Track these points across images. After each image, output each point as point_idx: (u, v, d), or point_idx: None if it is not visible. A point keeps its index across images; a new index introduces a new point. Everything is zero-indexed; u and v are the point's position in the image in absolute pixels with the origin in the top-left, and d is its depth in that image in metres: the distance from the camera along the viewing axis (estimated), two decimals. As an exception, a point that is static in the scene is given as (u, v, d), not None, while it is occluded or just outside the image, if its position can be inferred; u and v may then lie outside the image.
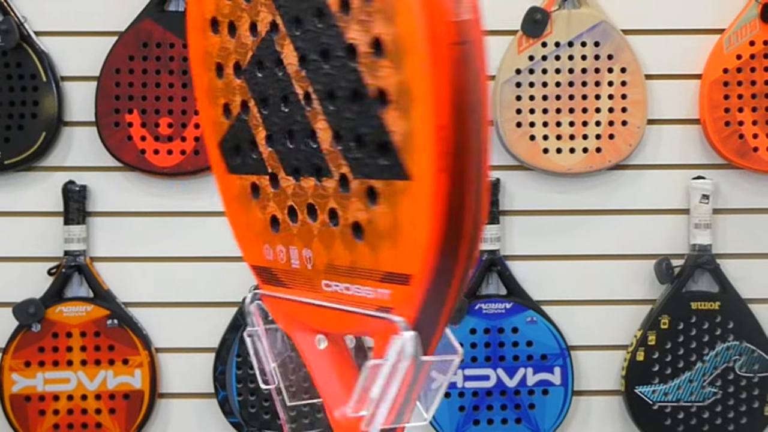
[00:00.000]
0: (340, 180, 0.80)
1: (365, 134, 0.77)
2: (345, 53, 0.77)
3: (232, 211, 0.91)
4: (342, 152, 0.79)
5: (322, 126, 0.80)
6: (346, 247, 0.82)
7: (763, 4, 2.21)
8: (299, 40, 0.80)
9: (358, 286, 0.82)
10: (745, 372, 2.23)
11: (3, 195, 2.28)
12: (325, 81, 0.79)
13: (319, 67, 0.79)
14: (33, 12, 2.26)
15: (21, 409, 2.22)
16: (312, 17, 0.79)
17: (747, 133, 2.22)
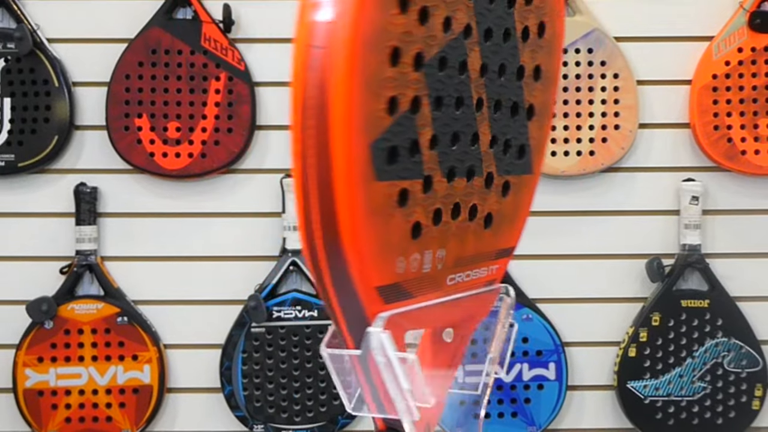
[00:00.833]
0: (487, 178, 0.85)
1: (514, 139, 0.88)
2: (515, 72, 0.86)
3: (369, 226, 0.74)
4: (494, 154, 0.86)
5: (485, 130, 0.84)
6: (475, 238, 0.86)
7: (751, 13, 2.21)
8: (487, 50, 0.82)
9: (476, 270, 0.88)
10: (734, 367, 2.23)
11: (17, 196, 2.28)
12: (498, 92, 0.85)
13: (495, 79, 0.84)
14: (46, 20, 2.27)
15: (34, 403, 2.22)
16: (501, 34, 0.84)
17: (735, 136, 2.22)
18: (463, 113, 0.80)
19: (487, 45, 0.81)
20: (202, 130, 2.22)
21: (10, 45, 2.22)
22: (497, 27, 0.82)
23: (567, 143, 2.23)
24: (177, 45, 2.23)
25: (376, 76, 0.71)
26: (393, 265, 0.77)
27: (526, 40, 0.86)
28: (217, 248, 2.27)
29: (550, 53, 0.89)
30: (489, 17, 0.81)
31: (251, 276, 2.25)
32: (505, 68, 0.84)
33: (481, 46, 0.81)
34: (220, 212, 2.27)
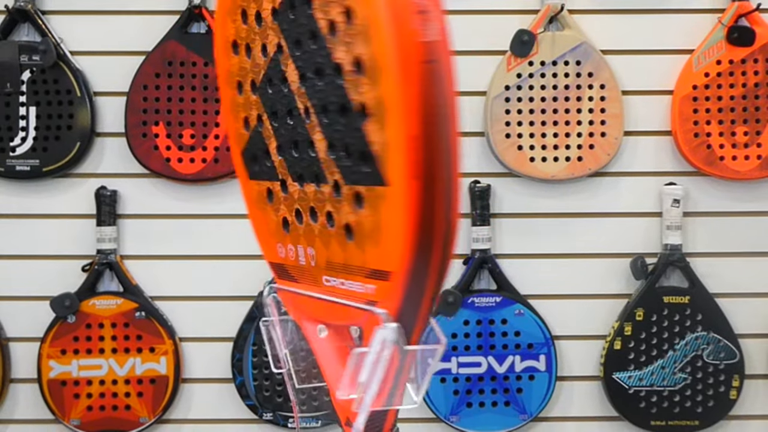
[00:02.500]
0: (334, 186, 0.80)
1: (351, 145, 0.78)
2: (333, 71, 0.78)
3: (252, 213, 0.93)
4: (335, 161, 0.80)
5: (319, 137, 0.81)
6: (340, 246, 0.82)
7: (729, 28, 2.21)
8: (299, 60, 0.81)
9: (350, 282, 0.82)
10: (713, 360, 2.23)
11: (42, 199, 2.28)
12: (319, 96, 0.80)
13: (315, 84, 0.80)
14: (69, 34, 2.26)
15: (57, 393, 2.22)
16: (308, 39, 0.80)
17: (714, 143, 2.22)
18: (294, 122, 0.83)
19: (298, 54, 0.81)
20: (215, 137, 2.22)
21: (36, 57, 2.21)
22: (303, 33, 0.80)
23: (556, 149, 2.22)
24: (191, 57, 2.23)
25: (234, 104, 0.90)
26: (275, 247, 0.91)
27: (335, 33, 0.77)
28: (229, 247, 2.27)
29: (369, 40, 0.74)
30: (293, 28, 0.81)
31: (261, 273, 2.22)
32: (323, 70, 0.79)
33: (293, 57, 0.82)
34: (231, 214, 2.26)
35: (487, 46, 2.26)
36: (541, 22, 2.23)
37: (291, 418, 2.23)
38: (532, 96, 2.23)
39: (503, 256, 2.28)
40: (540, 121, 2.23)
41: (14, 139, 2.23)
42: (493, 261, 2.26)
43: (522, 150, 2.23)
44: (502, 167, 2.27)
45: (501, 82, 2.23)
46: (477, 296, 2.24)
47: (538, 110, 2.23)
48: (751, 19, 2.23)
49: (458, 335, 2.23)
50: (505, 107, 2.23)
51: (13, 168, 2.23)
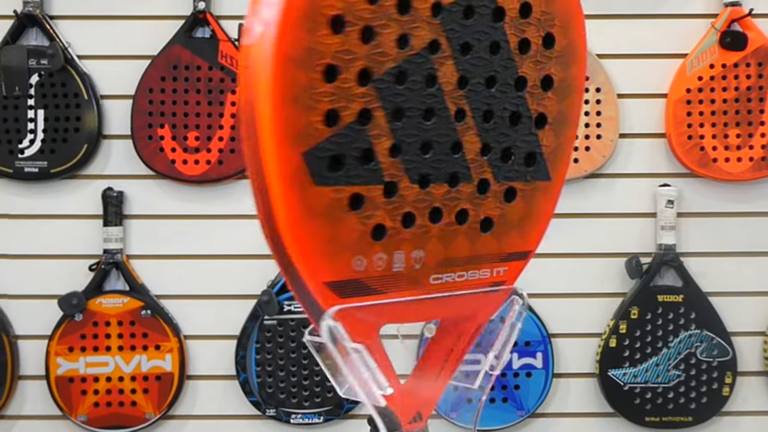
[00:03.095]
0: (479, 184, 0.83)
1: (517, 147, 0.84)
2: (513, 83, 0.82)
3: (309, 226, 0.74)
4: (489, 161, 0.83)
5: (473, 139, 0.81)
6: (468, 240, 0.84)
7: (721, 32, 2.21)
8: (464, 64, 0.79)
9: (474, 271, 0.85)
10: (706, 357, 2.23)
11: (50, 200, 2.28)
12: (485, 102, 0.81)
13: (481, 90, 0.80)
14: (76, 38, 2.27)
15: (65, 389, 2.22)
16: (486, 49, 0.80)
17: (707, 145, 2.22)
18: (436, 123, 0.79)
19: (465, 59, 0.79)
20: (219, 139, 2.22)
21: (44, 61, 2.22)
22: (479, 41, 0.79)
23: (553, 151, 2.23)
24: (196, 61, 2.23)
25: (307, 92, 0.71)
26: (347, 263, 0.77)
27: (526, 52, 0.82)
28: (233, 247, 2.27)
29: (566, 64, 0.84)
30: (465, 32, 0.79)
31: (264, 273, 2.24)
32: (495, 80, 0.81)
33: (456, 60, 0.79)
34: (235, 214, 2.27)
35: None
36: (538, 26, 2.23)
37: (293, 414, 2.23)
38: (529, 99, 2.23)
39: (501, 256, 2.27)
40: (537, 124, 2.23)
41: (23, 141, 2.23)
42: (491, 260, 2.25)
43: (519, 152, 2.23)
44: (500, 169, 2.26)
45: (499, 86, 2.23)
46: (475, 295, 2.23)
47: (535, 113, 2.23)
48: (743, 24, 2.24)
49: (457, 333, 2.23)
50: (503, 110, 2.22)
51: (21, 169, 2.23)
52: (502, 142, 0.83)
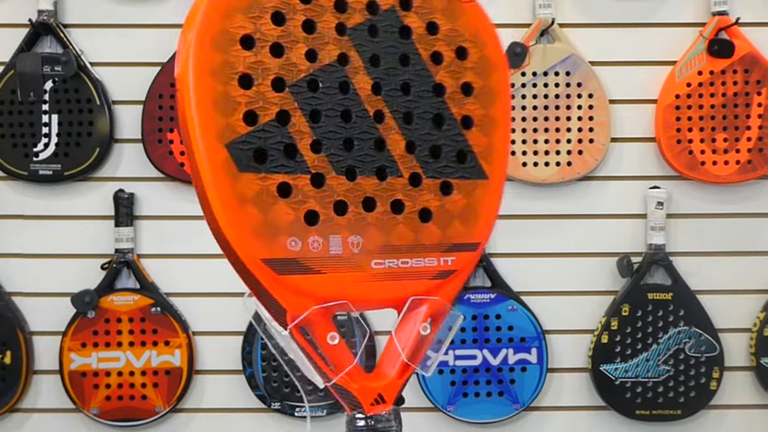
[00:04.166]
0: (411, 178, 0.88)
1: (446, 145, 0.90)
2: (430, 90, 0.90)
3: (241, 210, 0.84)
4: (416, 158, 0.89)
5: (396, 138, 0.88)
6: (411, 230, 0.89)
7: (709, 41, 2.21)
8: (376, 74, 0.87)
9: (419, 259, 0.89)
10: (694, 353, 2.23)
11: (63, 201, 2.28)
12: (405, 106, 0.88)
13: (397, 95, 0.88)
14: (89, 46, 2.27)
15: (78, 384, 2.22)
16: (396, 61, 0.88)
17: (695, 149, 2.22)
18: (357, 124, 0.86)
19: (377, 69, 0.87)
20: (226, 143, 2.23)
21: (58, 68, 2.22)
22: (388, 54, 0.88)
23: (547, 155, 2.23)
24: (204, 68, 2.24)
25: (224, 96, 0.83)
26: (282, 243, 0.85)
27: (439, 63, 0.91)
28: None
29: (484, 73, 0.92)
30: (373, 47, 0.87)
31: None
32: (411, 87, 0.89)
33: (368, 70, 0.86)
34: (242, 215, 2.28)
35: (482, 57, 2.26)
36: (533, 35, 2.23)
37: (298, 407, 2.23)
38: (524, 105, 2.24)
39: (497, 255, 2.28)
40: (532, 129, 2.24)
41: (37, 145, 2.24)
42: (488, 260, 2.26)
43: (515, 155, 2.23)
44: (496, 171, 2.26)
45: (495, 92, 2.23)
46: (472, 293, 2.24)
47: (530, 118, 2.24)
48: (730, 33, 2.24)
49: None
50: (499, 115, 2.23)
51: (36, 172, 2.24)
52: (429, 141, 0.89)
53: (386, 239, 0.88)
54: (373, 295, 0.90)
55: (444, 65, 0.91)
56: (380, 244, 0.88)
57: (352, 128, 0.86)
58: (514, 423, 2.29)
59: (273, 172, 0.85)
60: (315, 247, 0.86)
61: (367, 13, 0.89)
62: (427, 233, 0.90)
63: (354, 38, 0.87)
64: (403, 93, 0.89)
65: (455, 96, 0.91)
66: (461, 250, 0.92)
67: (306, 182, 0.85)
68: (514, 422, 2.29)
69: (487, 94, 0.92)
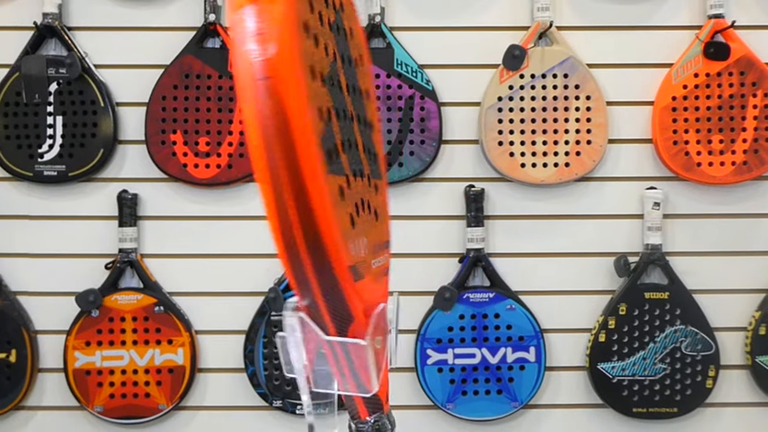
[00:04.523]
0: (367, 179, 0.88)
1: (371, 149, 0.91)
2: (360, 93, 0.90)
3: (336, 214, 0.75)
4: (366, 159, 0.89)
5: (359, 139, 0.87)
6: (375, 229, 0.88)
7: (705, 43, 2.22)
8: (346, 72, 0.86)
9: (382, 257, 0.89)
10: (690, 351, 2.23)
11: (67, 202, 2.28)
12: (357, 107, 0.88)
13: (355, 96, 0.88)
14: (93, 48, 2.27)
15: (82, 382, 2.23)
16: (348, 61, 0.87)
17: (692, 150, 2.22)
18: (348, 123, 0.84)
19: (345, 68, 0.86)
20: (228, 144, 2.23)
21: (62, 70, 2.22)
22: (345, 54, 0.87)
23: (546, 156, 2.23)
24: (207, 70, 2.23)
25: (309, 89, 0.73)
26: (350, 248, 0.78)
27: (357, 67, 0.91)
28: (242, 247, 2.28)
29: (369, 78, 0.94)
30: (340, 47, 0.85)
31: (271, 271, 2.25)
32: (356, 88, 0.89)
33: (343, 69, 0.85)
34: (244, 215, 2.28)
35: (482, 60, 2.27)
36: (532, 37, 2.24)
37: (299, 405, 2.23)
38: (523, 106, 2.24)
39: (496, 255, 2.29)
40: (530, 130, 2.24)
41: (42, 146, 2.24)
42: (487, 259, 2.26)
43: (514, 156, 2.24)
44: (496, 172, 2.28)
45: (494, 94, 2.24)
46: (472, 292, 2.24)
47: (528, 120, 2.24)
48: (726, 35, 2.24)
49: (454, 328, 2.24)
50: (498, 117, 2.24)
51: (41, 173, 2.24)
52: (368, 143, 0.91)
53: (373, 239, 0.87)
54: (377, 296, 0.89)
55: (359, 69, 0.91)
56: (372, 243, 0.87)
57: (348, 128, 0.84)
58: (513, 421, 2.29)
59: (335, 172, 0.77)
60: (355, 251, 0.80)
61: (333, 10, 0.85)
62: (379, 231, 0.91)
63: (336, 36, 0.84)
64: (355, 94, 0.88)
65: (365, 100, 0.92)
66: (388, 247, 0.93)
67: (345, 183, 0.79)
68: (512, 420, 2.29)
69: (371, 98, 0.94)
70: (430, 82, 2.25)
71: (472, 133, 2.29)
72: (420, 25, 2.29)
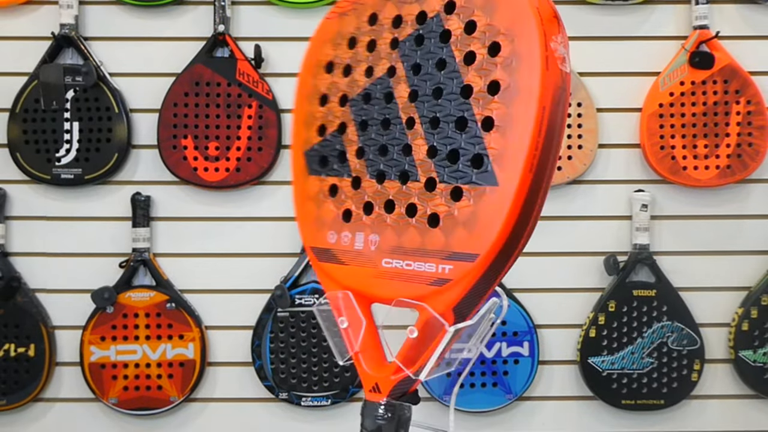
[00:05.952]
0: (427, 182, 0.86)
1: (463, 149, 0.83)
2: (461, 91, 0.84)
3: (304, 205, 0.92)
4: (435, 162, 0.85)
5: (420, 143, 0.86)
6: (420, 233, 0.86)
7: (691, 53, 2.22)
8: (417, 81, 0.85)
9: (420, 263, 0.86)
10: (676, 346, 2.24)
11: (84, 203, 2.28)
12: (432, 110, 0.85)
13: (429, 101, 0.85)
14: (108, 57, 2.28)
15: (97, 375, 2.23)
16: (433, 65, 0.86)
17: (678, 155, 2.22)
18: (391, 131, 0.85)
19: (416, 77, 0.85)
20: (237, 149, 2.23)
21: (79, 78, 2.22)
22: (428, 61, 0.85)
23: (539, 160, 2.23)
24: (216, 78, 2.23)
25: (308, 116, 0.88)
26: (324, 235, 0.89)
27: (470, 63, 0.84)
28: (249, 246, 2.27)
29: (512, 68, 0.81)
30: (416, 56, 0.85)
31: (277, 269, 2.25)
32: (441, 91, 0.85)
33: (409, 80, 0.85)
34: (251, 217, 2.28)
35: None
36: (525, 47, 2.23)
37: (304, 397, 2.23)
38: (517, 113, 2.23)
39: (491, 255, 2.27)
40: (524, 135, 2.23)
41: (60, 150, 2.24)
42: (483, 259, 2.25)
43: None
44: (491, 176, 2.26)
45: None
46: (468, 290, 2.23)
47: (522, 125, 2.23)
48: (710, 45, 2.24)
49: (452, 324, 2.23)
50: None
51: (58, 176, 2.24)
52: (449, 145, 0.85)
53: (398, 240, 0.87)
54: (377, 291, 0.89)
55: (475, 65, 0.83)
56: (393, 244, 0.87)
57: (388, 135, 0.86)
58: (508, 412, 2.29)
59: (329, 175, 0.90)
60: (345, 242, 0.88)
61: (416, 24, 0.86)
62: (433, 238, 0.86)
63: (402, 50, 0.87)
64: (434, 98, 0.86)
65: (481, 96, 0.83)
66: (459, 260, 0.84)
67: (347, 184, 0.89)
68: (507, 411, 2.29)
69: (511, 92, 0.82)
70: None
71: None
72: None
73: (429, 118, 0.85)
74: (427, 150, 0.86)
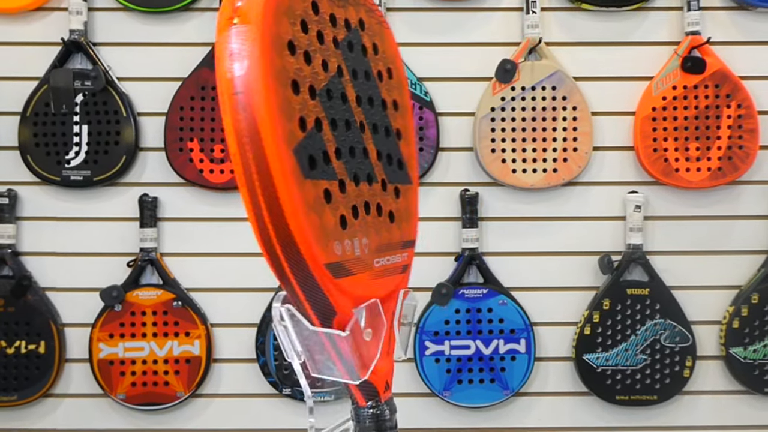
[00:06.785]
0: (382, 183, 0.89)
1: (393, 154, 0.91)
2: (381, 104, 0.90)
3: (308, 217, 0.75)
4: (382, 165, 0.89)
5: (371, 147, 0.87)
6: (386, 230, 0.89)
7: (683, 58, 2.22)
8: (356, 86, 0.86)
9: (392, 256, 0.90)
10: (669, 343, 2.24)
11: (92, 204, 2.29)
12: (372, 118, 0.88)
13: (368, 108, 0.88)
14: (116, 62, 2.28)
15: (106, 371, 2.23)
16: (363, 74, 0.88)
17: (670, 157, 2.22)
18: (353, 132, 0.84)
19: (356, 82, 0.86)
20: (241, 151, 2.23)
21: (87, 83, 2.23)
22: (360, 69, 0.87)
23: (535, 162, 2.23)
24: (221, 83, 2.24)
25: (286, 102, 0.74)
26: (332, 248, 0.78)
27: (381, 80, 0.91)
28: (254, 246, 2.24)
29: (401, 91, 0.95)
30: (352, 61, 0.86)
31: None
32: (373, 100, 0.89)
33: (352, 82, 0.85)
34: (255, 217, 2.28)
35: (476, 73, 2.27)
36: (522, 52, 2.24)
37: (306, 393, 2.23)
38: (514, 116, 2.24)
39: (489, 254, 2.29)
40: (521, 138, 2.24)
41: (69, 153, 2.24)
42: (481, 258, 2.26)
43: (505, 163, 2.24)
44: (489, 177, 2.28)
45: (487, 104, 2.24)
46: (466, 288, 2.24)
47: (519, 128, 2.24)
48: (702, 51, 2.25)
49: (450, 322, 2.24)
50: (490, 126, 2.24)
51: (68, 178, 2.24)
52: (387, 150, 0.90)
53: (379, 239, 0.88)
54: (375, 291, 0.89)
55: (384, 83, 0.92)
56: (377, 244, 0.88)
57: (351, 136, 0.85)
58: (505, 407, 2.30)
59: (319, 178, 0.78)
60: (347, 250, 0.81)
61: (345, 29, 0.86)
62: (393, 232, 0.91)
63: (343, 51, 0.85)
64: (370, 106, 0.89)
65: (391, 110, 0.93)
66: (409, 247, 0.95)
67: (336, 188, 0.80)
68: (504, 407, 2.29)
69: (404, 110, 0.95)
70: (428, 94, 2.25)
71: (467, 141, 2.29)
72: (418, 41, 2.29)
73: (372, 124, 0.89)
74: (376, 153, 0.89)
